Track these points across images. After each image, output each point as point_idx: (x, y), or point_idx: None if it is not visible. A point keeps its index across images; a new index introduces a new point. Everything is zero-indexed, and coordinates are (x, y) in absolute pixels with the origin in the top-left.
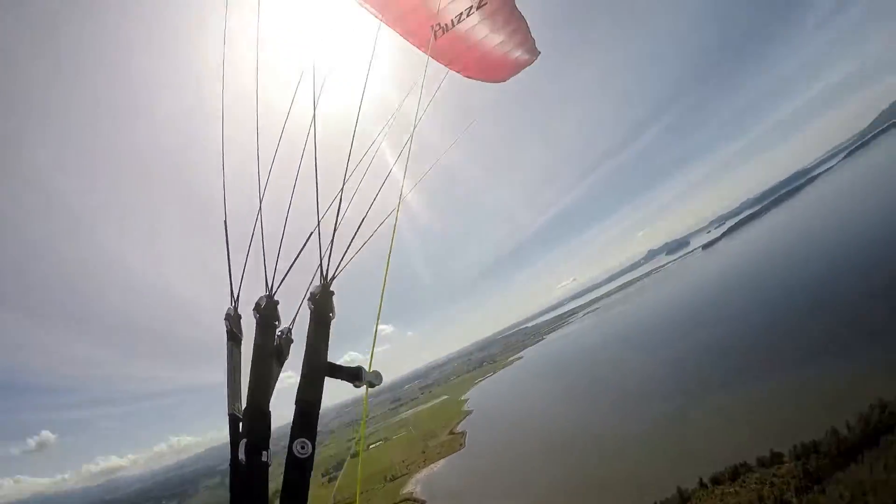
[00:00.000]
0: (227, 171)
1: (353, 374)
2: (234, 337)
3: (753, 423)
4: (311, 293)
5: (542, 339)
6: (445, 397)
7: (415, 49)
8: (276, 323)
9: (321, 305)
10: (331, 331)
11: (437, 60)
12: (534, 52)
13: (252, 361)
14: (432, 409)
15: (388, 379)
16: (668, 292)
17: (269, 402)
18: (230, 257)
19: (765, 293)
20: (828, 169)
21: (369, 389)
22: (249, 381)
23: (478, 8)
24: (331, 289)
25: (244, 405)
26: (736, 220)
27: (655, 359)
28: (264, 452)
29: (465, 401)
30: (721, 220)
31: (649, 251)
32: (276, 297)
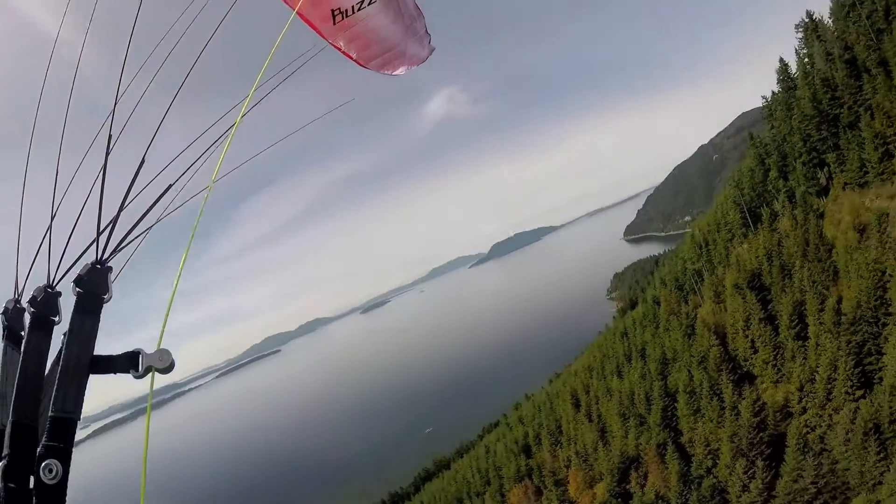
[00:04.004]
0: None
1: (128, 362)
2: (12, 335)
3: None
4: (77, 275)
5: None
6: None
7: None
8: (56, 318)
9: (90, 287)
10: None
11: (336, 46)
12: (429, 49)
13: (20, 365)
14: None
15: None
16: None
17: (37, 416)
18: (21, 240)
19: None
20: (199, 385)
21: (157, 377)
22: (15, 388)
23: None
24: (109, 265)
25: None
26: (103, 423)
27: None
28: (31, 477)
29: None
30: (86, 421)
31: None
32: (60, 289)
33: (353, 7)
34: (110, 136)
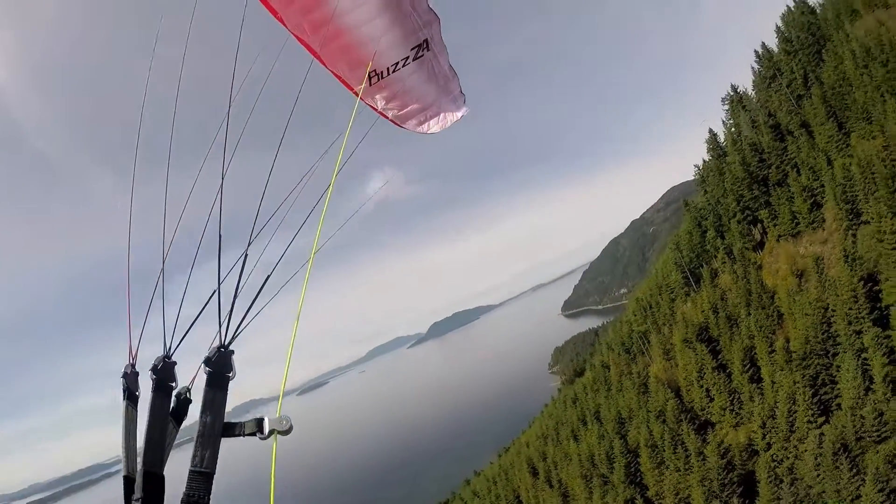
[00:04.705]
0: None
1: (255, 427)
2: (130, 396)
3: None
4: (205, 357)
5: None
6: None
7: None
8: (173, 384)
9: (218, 367)
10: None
11: (373, 108)
12: (464, 109)
13: (147, 423)
14: None
15: None
16: None
17: (163, 466)
18: (130, 314)
19: None
20: None
21: (280, 438)
22: (144, 443)
23: (414, 59)
24: (231, 348)
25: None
26: (22, 502)
27: None
28: None
29: None
30: (3, 499)
31: None
32: (174, 358)
33: (388, 69)
34: (220, 237)
